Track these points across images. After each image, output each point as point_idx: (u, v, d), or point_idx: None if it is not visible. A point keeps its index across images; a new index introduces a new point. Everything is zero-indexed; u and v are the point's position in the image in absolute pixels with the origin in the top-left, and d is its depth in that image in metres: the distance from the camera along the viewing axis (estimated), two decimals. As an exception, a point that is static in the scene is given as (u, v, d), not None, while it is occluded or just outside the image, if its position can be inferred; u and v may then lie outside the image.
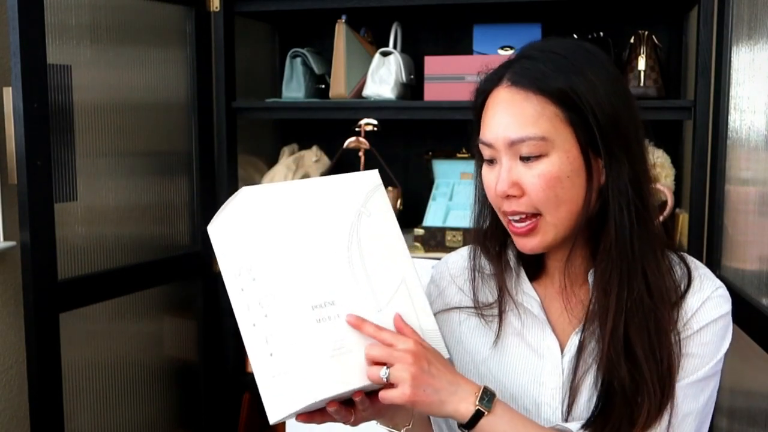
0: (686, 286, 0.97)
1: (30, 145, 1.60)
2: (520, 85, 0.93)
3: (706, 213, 1.81)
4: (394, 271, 0.96)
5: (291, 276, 0.88)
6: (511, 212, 0.94)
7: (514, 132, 0.92)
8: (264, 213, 0.89)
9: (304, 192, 0.93)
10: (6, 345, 1.93)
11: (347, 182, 0.96)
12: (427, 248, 2.05)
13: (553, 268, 1.02)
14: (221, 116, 2.14)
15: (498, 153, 0.94)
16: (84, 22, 1.82)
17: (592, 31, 2.12)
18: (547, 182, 0.92)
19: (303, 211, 0.91)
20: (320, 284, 0.89)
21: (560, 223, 0.94)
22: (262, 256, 0.88)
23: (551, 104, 0.92)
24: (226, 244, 0.91)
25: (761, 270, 1.53)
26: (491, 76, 0.98)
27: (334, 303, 0.90)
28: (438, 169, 2.25)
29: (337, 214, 0.94)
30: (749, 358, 1.53)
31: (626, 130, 0.95)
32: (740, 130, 1.65)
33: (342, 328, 0.89)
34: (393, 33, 2.21)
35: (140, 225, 2.02)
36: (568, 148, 0.92)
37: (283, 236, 0.89)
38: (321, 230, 0.92)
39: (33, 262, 1.63)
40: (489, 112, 0.96)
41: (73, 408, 1.80)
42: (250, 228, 0.88)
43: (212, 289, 2.16)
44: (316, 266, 0.90)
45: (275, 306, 0.87)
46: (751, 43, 1.59)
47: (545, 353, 1.00)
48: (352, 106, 2.13)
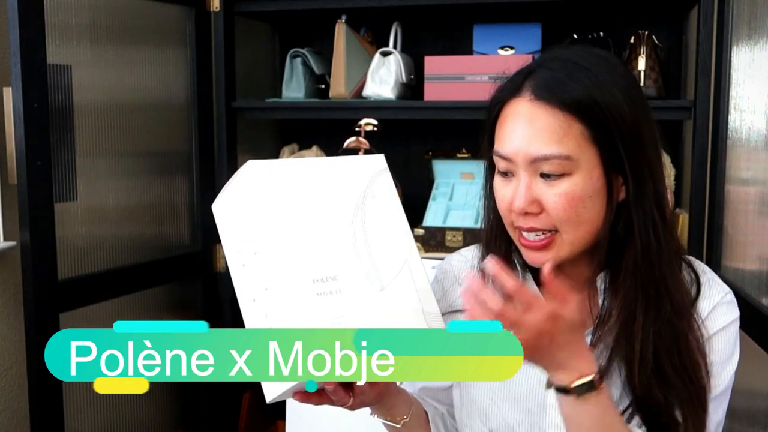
0: (696, 292, 0.96)
1: (30, 145, 1.60)
2: (544, 99, 0.90)
3: (706, 213, 1.81)
4: (397, 252, 0.95)
5: (293, 249, 0.88)
6: (527, 228, 0.91)
7: (537, 149, 0.89)
8: (268, 186, 0.89)
9: (311, 170, 0.93)
10: (6, 345, 1.93)
11: (354, 164, 0.97)
12: (427, 248, 2.05)
13: (560, 273, 0.98)
14: (221, 116, 2.14)
15: (516, 167, 0.91)
16: (84, 22, 1.82)
17: (592, 31, 2.12)
18: (569, 202, 0.89)
19: (308, 187, 0.92)
20: (322, 259, 0.89)
21: (577, 241, 0.91)
22: (265, 229, 0.88)
23: (577, 122, 0.89)
24: (229, 220, 0.91)
25: (761, 270, 1.53)
26: (508, 86, 0.94)
27: (336, 278, 0.89)
28: (438, 169, 2.25)
29: (343, 193, 0.94)
30: (749, 358, 1.52)
31: (648, 146, 0.92)
32: (740, 130, 1.65)
33: (343, 304, 0.88)
34: (393, 33, 2.21)
35: (140, 225, 2.02)
36: (591, 168, 0.90)
37: (286, 210, 0.89)
38: (325, 207, 0.92)
39: (33, 262, 1.63)
40: (509, 124, 0.92)
41: (73, 408, 1.80)
42: (253, 201, 0.88)
43: (212, 289, 2.15)
44: (319, 241, 0.90)
45: (276, 278, 0.86)
46: (751, 43, 1.59)
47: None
48: (352, 106, 2.13)
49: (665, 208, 0.93)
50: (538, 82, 0.91)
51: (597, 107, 0.88)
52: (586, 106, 0.88)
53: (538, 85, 0.91)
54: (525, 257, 0.95)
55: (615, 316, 0.93)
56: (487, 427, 1.01)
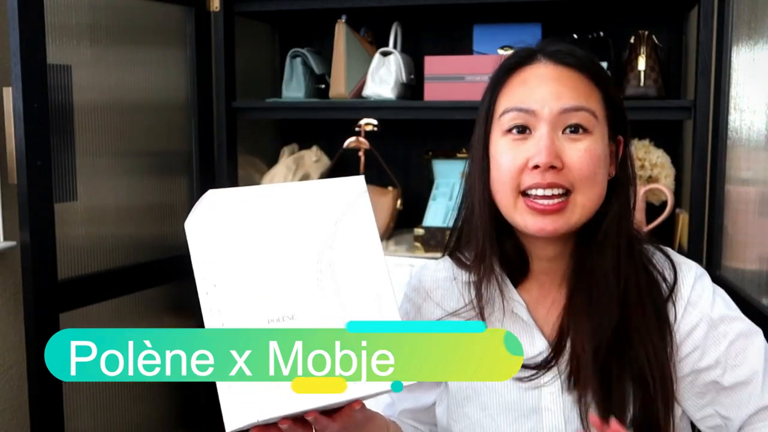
0: (674, 278, 0.97)
1: (30, 145, 1.60)
2: (566, 63, 0.93)
3: (706, 213, 1.81)
4: (368, 286, 0.90)
5: (249, 286, 0.84)
6: (546, 184, 0.90)
7: (568, 101, 0.91)
8: (228, 218, 0.85)
9: (280, 196, 0.88)
10: (6, 345, 1.93)
11: (329, 187, 0.90)
12: (427, 248, 2.05)
13: (538, 270, 1.00)
14: (221, 116, 2.14)
15: (536, 122, 0.91)
16: (84, 22, 1.82)
17: (592, 31, 2.12)
18: (591, 158, 0.90)
19: (275, 216, 0.87)
20: (281, 297, 0.85)
21: (587, 204, 0.92)
22: (223, 263, 0.84)
23: (595, 86, 0.94)
24: (194, 246, 0.88)
25: (761, 270, 1.53)
26: (517, 57, 0.96)
27: (293, 317, 0.85)
28: (438, 169, 2.25)
29: (313, 222, 0.88)
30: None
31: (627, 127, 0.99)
32: (740, 130, 1.65)
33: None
34: (393, 33, 2.21)
35: (140, 225, 2.02)
36: (604, 132, 0.94)
37: (247, 243, 0.85)
38: (292, 238, 0.87)
39: (33, 262, 1.63)
40: (531, 82, 0.93)
41: (73, 408, 1.80)
42: (213, 233, 0.85)
43: (212, 289, 2.15)
44: (279, 277, 0.85)
45: (231, 315, 0.83)
46: (751, 43, 1.59)
47: (538, 359, 0.96)
48: (352, 106, 2.13)
49: (634, 192, 0.98)
50: (554, 51, 0.95)
51: (608, 78, 0.95)
52: (602, 74, 0.94)
53: (554, 53, 0.94)
54: (531, 227, 0.92)
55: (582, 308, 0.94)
56: None
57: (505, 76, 0.96)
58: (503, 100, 0.95)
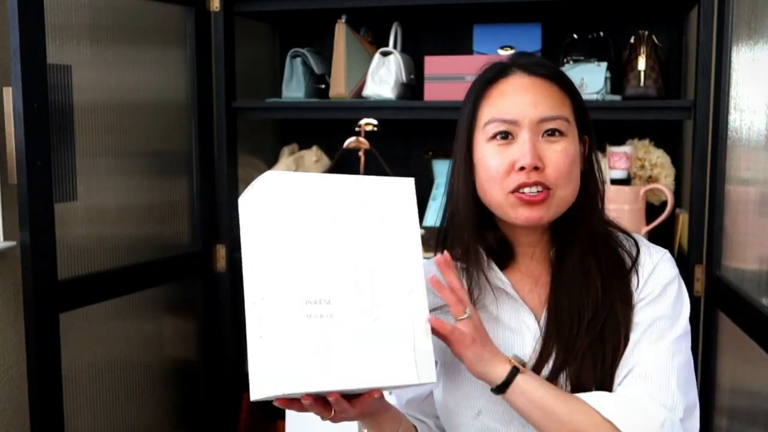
0: (636, 253, 1.07)
1: (30, 145, 1.60)
2: (539, 74, 1.04)
3: (706, 213, 1.81)
4: (402, 283, 0.96)
5: (291, 266, 0.89)
6: (533, 183, 1.00)
7: (544, 110, 1.02)
8: (280, 200, 0.90)
9: (333, 187, 0.94)
10: (6, 345, 1.93)
11: (381, 185, 0.97)
12: (427, 248, 2.03)
13: (521, 255, 1.10)
14: (221, 116, 2.14)
15: (518, 130, 1.02)
16: (84, 22, 1.82)
17: (592, 31, 2.12)
18: (567, 158, 1.02)
19: (325, 204, 0.93)
20: (320, 281, 0.90)
21: (564, 199, 1.03)
22: (273, 239, 0.89)
23: (566, 94, 1.05)
24: (245, 221, 0.93)
25: (761, 270, 1.53)
26: (491, 71, 1.06)
27: (330, 302, 0.90)
28: (438, 169, 2.25)
29: (360, 215, 0.94)
30: (749, 358, 1.53)
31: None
32: (740, 130, 1.65)
33: (331, 329, 0.89)
34: (393, 33, 2.21)
35: (140, 225, 2.02)
36: (575, 134, 1.05)
37: (294, 225, 0.90)
38: (337, 227, 0.93)
39: (33, 262, 1.63)
40: (509, 94, 1.03)
41: (73, 408, 1.80)
42: (263, 211, 0.90)
43: (212, 289, 2.16)
44: (320, 262, 0.91)
45: (271, 291, 0.88)
46: (751, 43, 1.59)
47: (523, 330, 1.07)
48: (352, 106, 2.13)
49: (602, 185, 1.10)
50: (527, 64, 1.05)
51: (574, 87, 1.07)
52: (570, 83, 1.07)
53: (528, 65, 1.05)
54: (519, 217, 1.03)
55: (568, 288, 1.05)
56: (476, 408, 1.06)
57: (484, 88, 1.06)
58: (485, 111, 1.05)
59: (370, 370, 0.91)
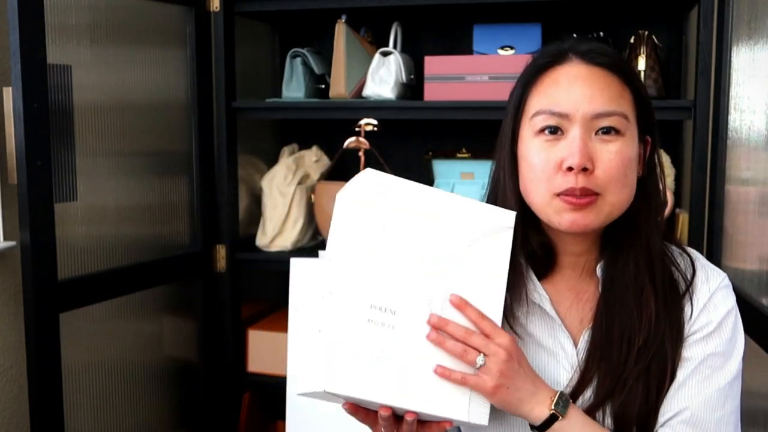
0: (692, 275, 0.97)
1: (30, 145, 1.60)
2: (598, 63, 0.93)
3: (706, 213, 1.81)
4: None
5: (367, 268, 0.88)
6: (580, 190, 0.90)
7: (601, 105, 0.91)
8: (375, 201, 0.90)
9: (431, 200, 0.91)
10: (6, 345, 1.93)
11: (479, 210, 0.92)
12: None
13: (565, 264, 1.00)
14: (221, 116, 2.14)
15: (569, 125, 0.91)
16: (84, 22, 1.82)
17: (592, 31, 2.12)
18: (621, 161, 0.91)
19: (418, 216, 0.90)
20: (390, 289, 0.89)
21: (616, 204, 0.92)
22: (354, 238, 0.89)
23: (627, 87, 0.94)
24: (336, 215, 0.92)
25: (761, 270, 1.53)
26: (547, 55, 0.96)
27: (395, 313, 0.88)
28: (438, 169, 2.25)
29: (450, 235, 0.91)
30: (749, 358, 1.52)
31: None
32: (740, 130, 1.65)
33: (390, 339, 0.88)
34: (393, 33, 2.21)
35: (140, 225, 2.02)
36: (634, 134, 0.94)
37: (381, 229, 0.89)
38: (424, 241, 0.90)
39: (33, 262, 1.63)
40: (563, 84, 0.93)
41: (73, 408, 1.80)
42: (356, 209, 0.90)
43: (212, 288, 2.16)
44: (396, 271, 0.89)
45: (339, 288, 0.88)
46: (751, 43, 1.59)
47: (558, 351, 0.98)
48: (352, 106, 2.13)
49: (665, 193, 1.00)
50: (585, 50, 0.94)
51: (638, 77, 0.95)
52: (633, 75, 0.95)
53: (586, 52, 0.94)
54: (564, 222, 0.92)
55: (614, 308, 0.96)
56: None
57: (536, 75, 0.96)
58: (534, 101, 0.95)
59: (421, 394, 0.88)
